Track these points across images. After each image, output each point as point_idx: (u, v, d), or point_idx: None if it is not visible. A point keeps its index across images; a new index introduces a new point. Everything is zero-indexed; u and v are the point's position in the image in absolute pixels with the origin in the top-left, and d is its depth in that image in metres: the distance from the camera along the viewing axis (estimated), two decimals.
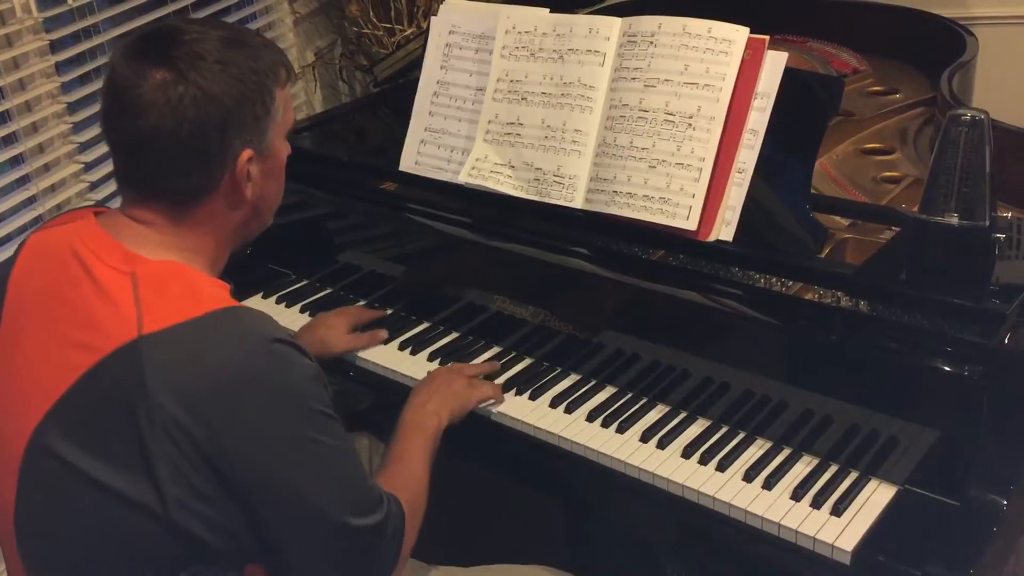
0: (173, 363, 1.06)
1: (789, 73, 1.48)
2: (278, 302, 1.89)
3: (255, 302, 1.89)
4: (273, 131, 1.20)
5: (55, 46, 2.05)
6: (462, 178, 1.70)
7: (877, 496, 1.34)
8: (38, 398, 1.11)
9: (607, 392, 1.57)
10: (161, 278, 1.12)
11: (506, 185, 1.67)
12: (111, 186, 2.08)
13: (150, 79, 1.11)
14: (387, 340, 1.73)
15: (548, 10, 1.68)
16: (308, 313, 1.84)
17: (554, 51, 1.65)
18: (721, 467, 1.40)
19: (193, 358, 1.06)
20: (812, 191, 1.53)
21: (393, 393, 1.63)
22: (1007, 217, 1.34)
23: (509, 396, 1.58)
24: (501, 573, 1.48)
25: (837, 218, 1.60)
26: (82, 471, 1.08)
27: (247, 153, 1.17)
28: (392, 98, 2.09)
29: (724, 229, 1.49)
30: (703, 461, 1.42)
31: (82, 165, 2.10)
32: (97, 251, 1.14)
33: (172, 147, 1.12)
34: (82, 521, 1.10)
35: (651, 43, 1.56)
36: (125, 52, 1.15)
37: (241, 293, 1.89)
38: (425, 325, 1.77)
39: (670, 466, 1.42)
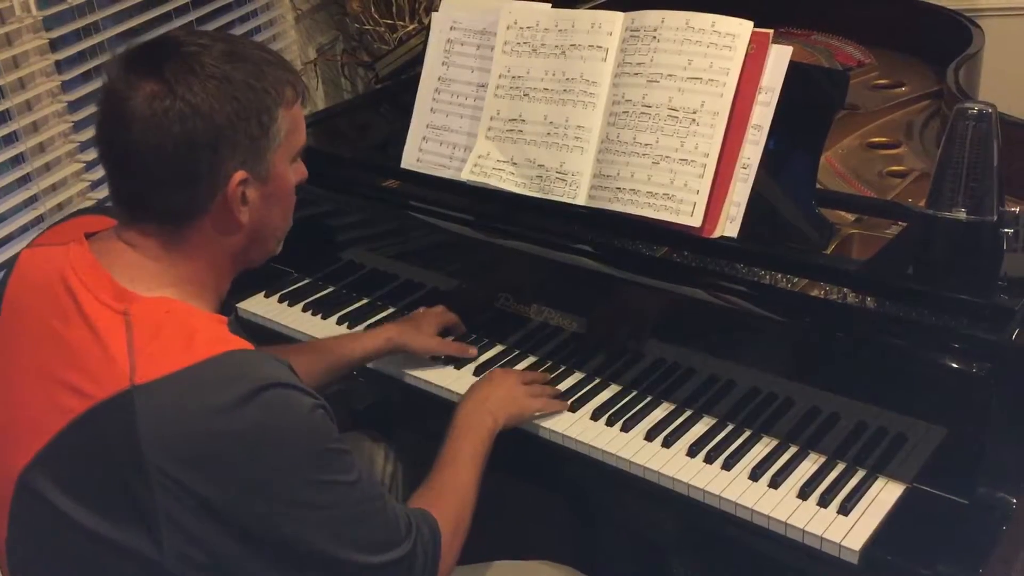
0: (165, 417, 1.01)
1: (793, 67, 1.47)
2: (280, 300, 1.88)
3: (257, 301, 1.88)
4: (274, 153, 1.13)
5: (55, 44, 2.04)
6: (464, 175, 1.69)
7: (885, 494, 1.33)
8: (28, 436, 1.07)
9: (611, 390, 1.56)
10: (155, 320, 1.06)
11: (508, 182, 1.65)
12: None
13: (140, 91, 1.07)
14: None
15: (550, 5, 1.67)
16: (310, 312, 1.83)
17: (556, 47, 1.64)
18: (727, 465, 1.39)
19: (185, 412, 1.01)
20: (817, 186, 1.51)
21: (396, 392, 1.62)
22: (1015, 211, 1.33)
23: None
24: (502, 569, 1.46)
25: (843, 213, 1.59)
26: (72, 519, 1.04)
27: (240, 175, 1.10)
28: (394, 95, 2.08)
29: (729, 225, 1.48)
30: (709, 459, 1.41)
31: (83, 164, 2.09)
32: (88, 283, 1.09)
33: (157, 163, 1.07)
34: (73, 565, 1.07)
35: (654, 38, 1.54)
36: (121, 61, 1.11)
37: (243, 292, 1.88)
38: None
39: (675, 465, 1.41)
